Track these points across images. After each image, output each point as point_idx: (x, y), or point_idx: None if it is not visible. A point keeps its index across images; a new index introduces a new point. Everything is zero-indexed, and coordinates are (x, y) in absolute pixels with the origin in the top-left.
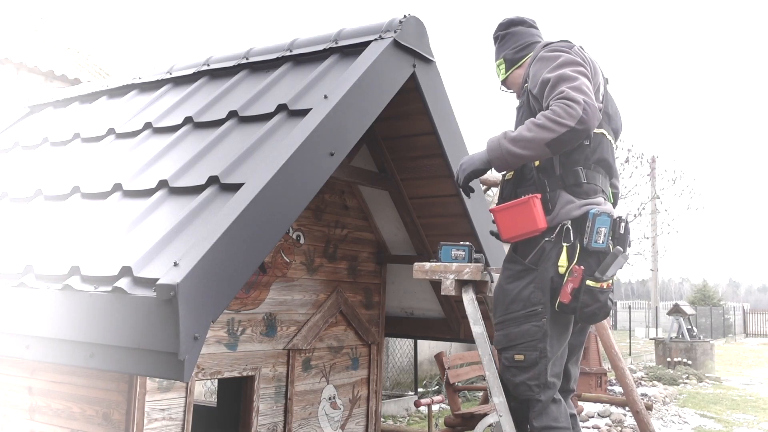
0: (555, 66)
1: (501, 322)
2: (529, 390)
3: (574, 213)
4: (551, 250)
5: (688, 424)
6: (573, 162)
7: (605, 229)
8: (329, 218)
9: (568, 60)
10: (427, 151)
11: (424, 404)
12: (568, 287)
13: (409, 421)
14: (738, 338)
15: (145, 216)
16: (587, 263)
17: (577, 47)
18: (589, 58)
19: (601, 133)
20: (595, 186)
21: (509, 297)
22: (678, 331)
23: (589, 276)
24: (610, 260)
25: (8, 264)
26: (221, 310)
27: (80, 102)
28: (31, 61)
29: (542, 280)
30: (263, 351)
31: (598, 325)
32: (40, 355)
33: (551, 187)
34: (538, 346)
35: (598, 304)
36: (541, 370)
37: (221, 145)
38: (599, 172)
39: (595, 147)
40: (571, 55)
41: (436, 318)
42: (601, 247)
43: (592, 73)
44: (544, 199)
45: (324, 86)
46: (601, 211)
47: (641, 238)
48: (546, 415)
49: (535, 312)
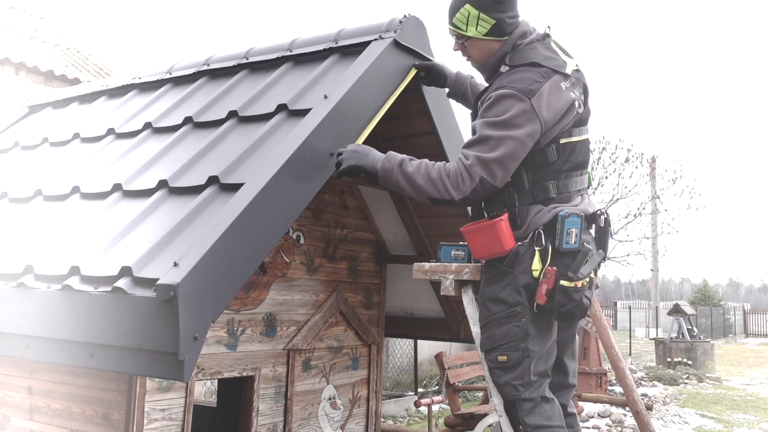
0: (493, 120)
1: (484, 325)
2: (514, 390)
3: (545, 218)
4: (525, 253)
5: (688, 425)
6: (542, 176)
7: (576, 230)
8: (329, 218)
9: (509, 119)
10: (428, 151)
11: (424, 404)
12: (543, 289)
13: (409, 421)
14: (738, 338)
15: (144, 216)
16: (562, 263)
17: (546, 85)
18: (552, 93)
19: (571, 141)
20: (568, 193)
21: (490, 299)
22: (678, 331)
23: (563, 276)
24: (581, 259)
25: (8, 264)
26: (221, 310)
27: (80, 102)
28: (31, 61)
29: (518, 283)
30: (263, 351)
31: (598, 326)
32: (40, 355)
33: (520, 202)
34: (520, 346)
35: (574, 303)
36: (525, 369)
37: (221, 145)
38: (572, 176)
39: (566, 156)
40: (518, 108)
41: (436, 318)
42: (573, 248)
43: (546, 113)
44: (512, 215)
45: (324, 86)
46: (570, 213)
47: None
48: (538, 414)
49: (515, 312)
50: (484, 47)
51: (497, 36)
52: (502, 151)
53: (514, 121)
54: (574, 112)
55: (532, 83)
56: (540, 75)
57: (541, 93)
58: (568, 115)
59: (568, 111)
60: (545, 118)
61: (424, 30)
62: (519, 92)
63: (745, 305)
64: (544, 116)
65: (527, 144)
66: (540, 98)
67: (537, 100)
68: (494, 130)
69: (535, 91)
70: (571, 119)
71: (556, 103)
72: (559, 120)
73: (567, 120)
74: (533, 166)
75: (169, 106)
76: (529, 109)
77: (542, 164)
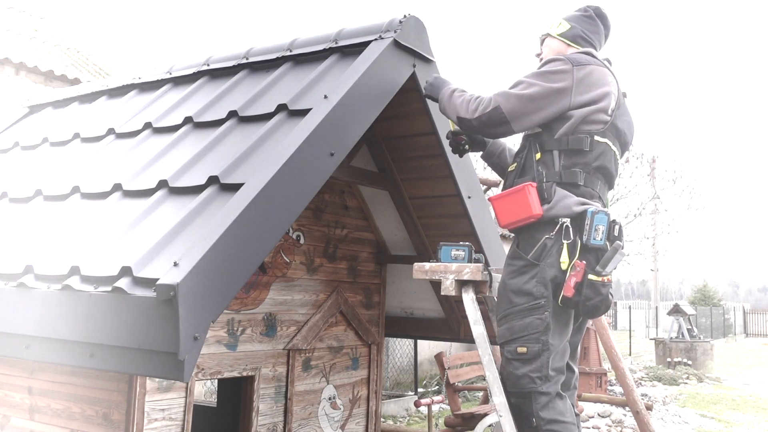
0: (533, 72)
1: (504, 317)
2: (531, 382)
3: (574, 209)
4: (552, 247)
5: (688, 424)
6: (573, 163)
7: (603, 227)
8: (329, 218)
9: (545, 72)
10: (428, 151)
11: (424, 404)
12: (572, 281)
13: (409, 421)
14: (738, 338)
15: (145, 216)
16: (587, 259)
17: (591, 66)
18: (596, 75)
19: (605, 142)
20: (592, 191)
21: (513, 291)
22: (678, 331)
23: (591, 271)
24: (611, 254)
25: (8, 264)
26: (221, 310)
27: (80, 102)
28: (31, 61)
29: (545, 276)
30: (263, 351)
31: (598, 326)
32: (40, 355)
33: (548, 179)
34: (540, 339)
35: (600, 297)
36: (544, 362)
37: (221, 145)
38: (599, 178)
39: (597, 155)
40: (559, 67)
41: (436, 318)
42: (599, 244)
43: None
44: (540, 188)
45: (324, 86)
46: (599, 210)
47: (641, 238)
48: (552, 409)
49: (538, 305)
50: (555, 46)
51: (569, 40)
52: (527, 90)
53: (549, 76)
54: (607, 106)
55: (582, 59)
56: (591, 58)
57: (585, 67)
58: (601, 101)
59: (603, 98)
60: (579, 84)
61: (424, 30)
62: (566, 59)
63: (744, 305)
64: (578, 79)
65: (552, 99)
66: (581, 69)
67: (579, 70)
68: (529, 78)
69: (582, 63)
70: (602, 110)
71: (595, 83)
72: (592, 100)
73: (599, 105)
74: (567, 150)
75: (169, 106)
76: (569, 71)
77: (575, 150)
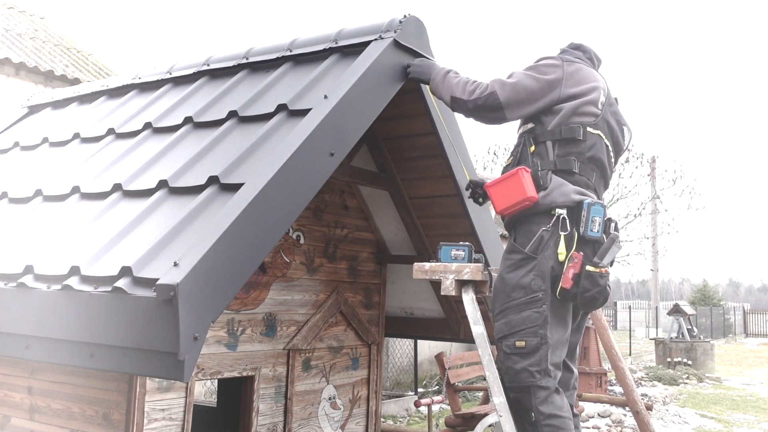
0: (527, 66)
1: (502, 311)
2: (530, 376)
3: (573, 197)
4: (549, 239)
5: (688, 425)
6: (567, 152)
7: (599, 219)
8: (329, 218)
9: (537, 65)
10: (428, 152)
11: (424, 404)
12: (570, 273)
13: (409, 421)
14: (738, 338)
15: (144, 216)
16: (584, 251)
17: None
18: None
19: (598, 134)
20: (588, 180)
21: (510, 285)
22: (678, 331)
23: (588, 262)
24: (608, 245)
25: (8, 264)
26: (221, 310)
27: (79, 102)
28: (31, 61)
29: (542, 268)
30: (263, 351)
31: (598, 326)
32: (40, 355)
33: (542, 167)
34: (539, 332)
35: (598, 288)
36: (542, 356)
37: (221, 145)
38: (593, 170)
39: (590, 145)
40: (551, 61)
41: (436, 318)
42: (596, 236)
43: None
44: (535, 176)
45: (324, 86)
46: (595, 201)
47: (641, 238)
48: (551, 404)
49: (536, 298)
50: None
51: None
52: (521, 80)
53: (542, 68)
54: (597, 99)
55: (571, 58)
56: (580, 61)
57: (574, 64)
58: (590, 94)
59: (592, 91)
60: (569, 78)
61: (424, 30)
62: (557, 56)
63: (745, 305)
64: (568, 72)
65: (545, 91)
66: (571, 65)
67: (569, 65)
68: (522, 70)
69: (571, 61)
70: (592, 102)
71: (583, 79)
72: (581, 93)
73: (588, 98)
74: (560, 140)
75: (169, 106)
76: (560, 65)
77: (569, 140)
